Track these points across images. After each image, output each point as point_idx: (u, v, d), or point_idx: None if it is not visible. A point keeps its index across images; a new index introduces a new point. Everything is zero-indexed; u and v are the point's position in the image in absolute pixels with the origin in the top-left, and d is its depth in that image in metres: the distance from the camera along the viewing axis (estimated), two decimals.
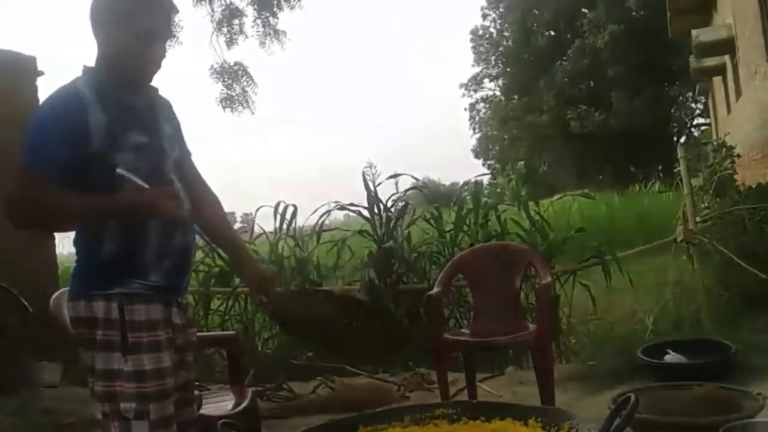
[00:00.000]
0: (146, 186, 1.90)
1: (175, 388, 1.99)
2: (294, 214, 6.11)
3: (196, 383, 2.71)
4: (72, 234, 2.03)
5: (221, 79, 10.39)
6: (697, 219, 5.59)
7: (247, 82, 10.41)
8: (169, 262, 2.00)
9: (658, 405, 3.15)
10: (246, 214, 10.58)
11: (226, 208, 2.38)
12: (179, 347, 2.04)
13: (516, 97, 32.95)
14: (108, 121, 1.92)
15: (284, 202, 6.12)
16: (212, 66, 10.37)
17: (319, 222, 6.08)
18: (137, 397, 1.90)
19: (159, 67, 2.07)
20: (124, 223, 1.93)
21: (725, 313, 5.21)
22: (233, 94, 10.41)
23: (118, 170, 1.89)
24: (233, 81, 10.40)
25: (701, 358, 4.15)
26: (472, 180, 6.30)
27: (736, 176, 6.51)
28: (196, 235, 2.25)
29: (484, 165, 34.41)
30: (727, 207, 5.86)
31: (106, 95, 1.95)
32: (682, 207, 5.71)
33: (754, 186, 6.50)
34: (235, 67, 10.40)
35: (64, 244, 6.35)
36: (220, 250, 4.57)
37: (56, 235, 5.42)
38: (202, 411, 2.49)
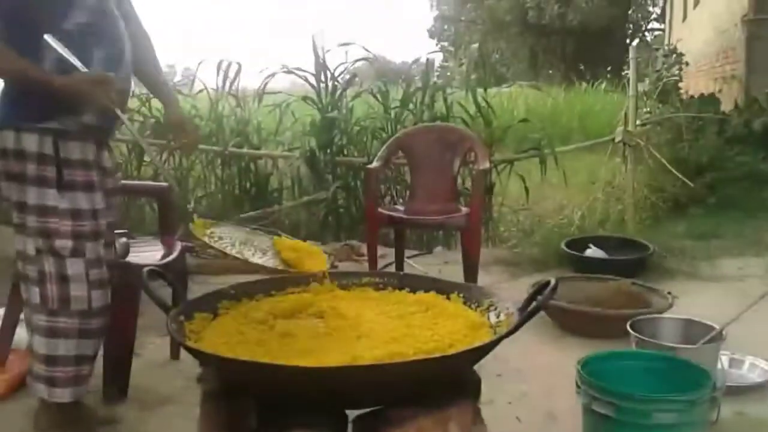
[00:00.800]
0: (74, 60, 1.79)
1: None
2: (238, 73, 5.91)
3: (124, 231, 2.69)
4: None
5: None
6: (637, 122, 5.68)
7: None
8: None
9: (574, 294, 3.32)
10: (187, 69, 10.19)
11: (172, 62, 2.31)
12: (108, 191, 2.01)
13: None
14: None
15: (228, 61, 5.91)
16: None
17: (263, 84, 5.90)
18: (74, 235, 1.87)
19: None
20: (62, 57, 1.83)
21: (649, 215, 5.43)
22: None
23: (46, 37, 1.77)
24: None
25: (620, 255, 4.34)
26: (423, 59, 6.15)
27: (681, 84, 6.60)
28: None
29: (437, 45, 33.76)
30: (667, 113, 5.96)
31: None
32: (625, 108, 5.78)
33: (697, 96, 6.62)
34: None
35: None
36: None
37: None
38: (129, 259, 2.48)
